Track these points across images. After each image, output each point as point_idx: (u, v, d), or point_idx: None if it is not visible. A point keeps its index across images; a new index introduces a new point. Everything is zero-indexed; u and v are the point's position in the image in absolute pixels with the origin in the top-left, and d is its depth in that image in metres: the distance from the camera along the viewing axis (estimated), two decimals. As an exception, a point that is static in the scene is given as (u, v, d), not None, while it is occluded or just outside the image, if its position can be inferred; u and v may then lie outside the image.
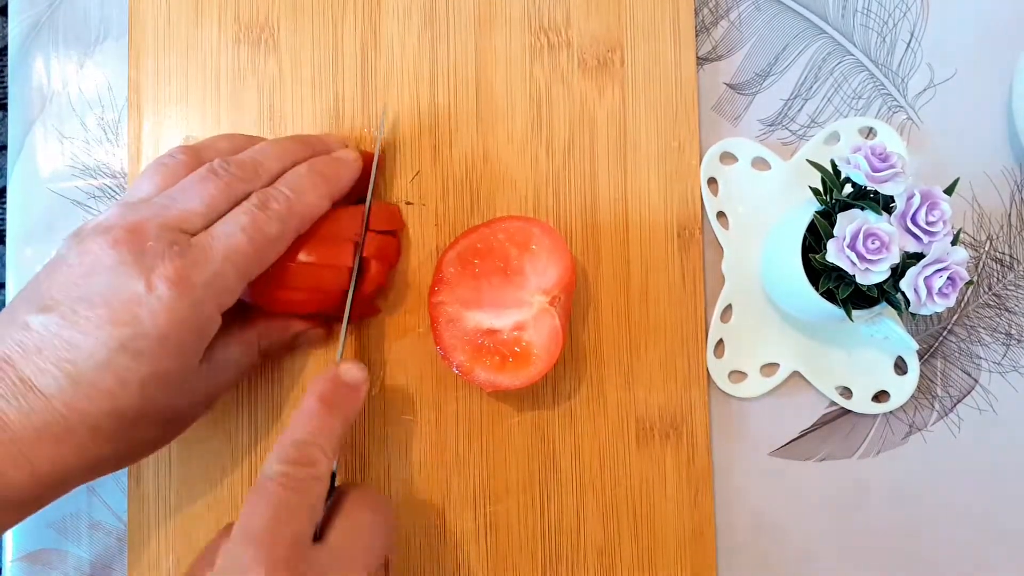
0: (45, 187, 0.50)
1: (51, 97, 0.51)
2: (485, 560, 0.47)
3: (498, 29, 0.49)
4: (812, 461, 0.49)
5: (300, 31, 0.49)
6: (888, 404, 0.49)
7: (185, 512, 0.47)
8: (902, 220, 0.41)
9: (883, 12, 0.51)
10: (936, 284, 0.40)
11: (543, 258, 0.45)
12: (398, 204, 0.48)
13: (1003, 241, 0.50)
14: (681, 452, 0.48)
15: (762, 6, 0.51)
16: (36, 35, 0.51)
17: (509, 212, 0.49)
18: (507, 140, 0.49)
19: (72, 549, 0.48)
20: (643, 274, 0.48)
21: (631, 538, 0.47)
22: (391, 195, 0.49)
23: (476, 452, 0.48)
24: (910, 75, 0.51)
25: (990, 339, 0.50)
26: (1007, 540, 0.49)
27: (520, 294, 0.45)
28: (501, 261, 0.46)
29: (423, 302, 0.48)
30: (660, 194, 0.49)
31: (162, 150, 0.49)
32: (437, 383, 0.48)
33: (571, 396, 0.48)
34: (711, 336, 0.49)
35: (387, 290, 0.48)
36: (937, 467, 0.49)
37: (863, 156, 0.41)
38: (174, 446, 0.47)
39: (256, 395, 0.48)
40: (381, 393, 0.48)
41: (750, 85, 0.51)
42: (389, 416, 0.48)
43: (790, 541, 0.49)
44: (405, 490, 0.47)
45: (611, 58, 0.49)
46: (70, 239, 0.38)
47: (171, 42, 0.49)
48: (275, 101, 0.49)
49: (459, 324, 0.45)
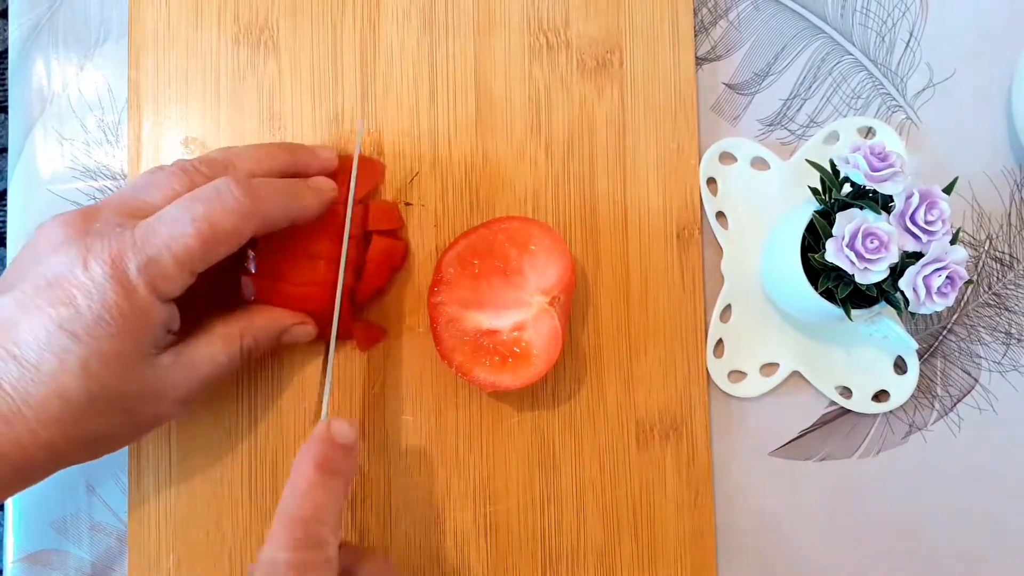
0: (45, 189, 0.50)
1: (51, 99, 0.51)
2: (485, 560, 0.47)
3: (497, 31, 0.49)
4: (812, 461, 0.49)
5: (300, 32, 0.49)
6: (888, 404, 0.49)
7: (185, 512, 0.47)
8: (901, 219, 0.41)
9: (882, 11, 0.51)
10: (935, 283, 0.40)
11: (542, 258, 0.45)
12: (398, 203, 0.48)
13: (1003, 240, 0.50)
14: (681, 452, 0.48)
15: (761, 6, 0.51)
16: (36, 37, 0.51)
17: (508, 212, 0.49)
18: (506, 141, 0.49)
19: (73, 550, 0.48)
20: (643, 274, 0.49)
21: (631, 538, 0.47)
22: (390, 196, 0.49)
23: (476, 452, 0.48)
24: (909, 75, 0.51)
25: (990, 338, 0.50)
26: (1007, 540, 0.49)
27: (519, 294, 0.45)
28: (500, 261, 0.46)
29: (423, 302, 0.48)
30: (659, 194, 0.49)
31: (162, 151, 0.49)
32: (437, 383, 0.48)
33: (571, 396, 0.48)
34: (711, 336, 0.49)
35: (384, 296, 0.48)
36: (937, 467, 0.49)
37: (862, 156, 0.41)
38: (174, 446, 0.47)
39: (256, 395, 0.48)
40: (381, 393, 0.48)
41: (749, 85, 0.51)
42: (389, 416, 0.48)
43: (790, 541, 0.49)
44: (405, 490, 0.47)
45: (610, 59, 0.50)
46: (41, 224, 0.39)
47: (171, 43, 0.49)
48: (275, 102, 0.49)
49: (459, 324, 0.45)
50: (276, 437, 0.47)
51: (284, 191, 0.42)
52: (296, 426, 0.47)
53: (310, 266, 0.44)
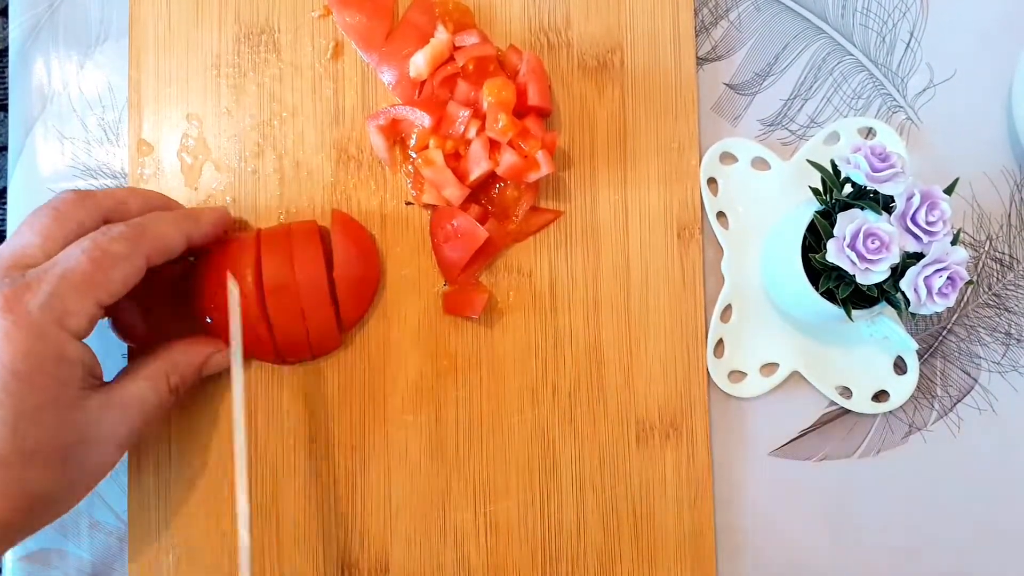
0: (46, 187, 0.50)
1: (51, 98, 0.51)
2: (485, 560, 0.47)
3: (498, 30, 0.49)
4: (812, 461, 0.49)
5: (300, 31, 0.49)
6: (888, 404, 0.49)
7: (185, 512, 0.47)
8: (902, 220, 0.41)
9: (883, 12, 0.51)
10: (936, 284, 0.41)
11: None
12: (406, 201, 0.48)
13: (1003, 241, 0.50)
14: (681, 452, 0.48)
15: (762, 6, 0.51)
16: (36, 36, 0.51)
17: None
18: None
19: (73, 549, 0.48)
20: (643, 274, 0.49)
21: (631, 538, 0.47)
22: (390, 195, 0.49)
23: (476, 452, 0.48)
24: (910, 75, 0.51)
25: (990, 339, 0.50)
26: (1007, 540, 0.49)
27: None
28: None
29: (422, 303, 0.48)
30: (660, 194, 0.49)
31: (162, 150, 0.49)
32: (437, 383, 0.48)
33: (571, 396, 0.48)
34: (711, 336, 0.49)
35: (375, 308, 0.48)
36: (937, 467, 0.49)
37: (863, 156, 0.41)
38: (174, 447, 0.47)
39: (256, 395, 0.48)
40: (381, 393, 0.48)
41: (750, 85, 0.51)
42: (389, 416, 0.48)
43: (790, 541, 0.49)
44: (405, 490, 0.47)
45: (611, 59, 0.50)
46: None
47: (171, 42, 0.49)
48: (275, 102, 0.49)
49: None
50: (276, 437, 0.47)
51: (173, 216, 0.42)
52: (296, 426, 0.47)
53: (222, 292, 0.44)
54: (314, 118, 0.49)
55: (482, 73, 0.46)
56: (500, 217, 0.47)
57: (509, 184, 0.47)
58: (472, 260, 0.47)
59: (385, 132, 0.47)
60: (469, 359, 0.48)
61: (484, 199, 0.48)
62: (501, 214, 0.47)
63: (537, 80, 0.46)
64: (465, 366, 0.48)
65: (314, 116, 0.49)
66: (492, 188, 0.47)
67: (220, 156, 0.49)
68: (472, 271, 0.48)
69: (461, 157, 0.46)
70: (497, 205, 0.47)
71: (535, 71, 0.47)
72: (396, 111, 0.47)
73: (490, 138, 0.45)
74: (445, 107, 0.46)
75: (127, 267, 0.38)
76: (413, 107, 0.46)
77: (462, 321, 0.48)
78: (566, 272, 0.48)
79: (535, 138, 0.45)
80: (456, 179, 0.46)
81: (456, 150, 0.46)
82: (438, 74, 0.47)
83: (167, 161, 0.49)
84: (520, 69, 0.47)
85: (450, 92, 0.47)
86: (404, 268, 0.48)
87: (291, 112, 0.49)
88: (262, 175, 0.49)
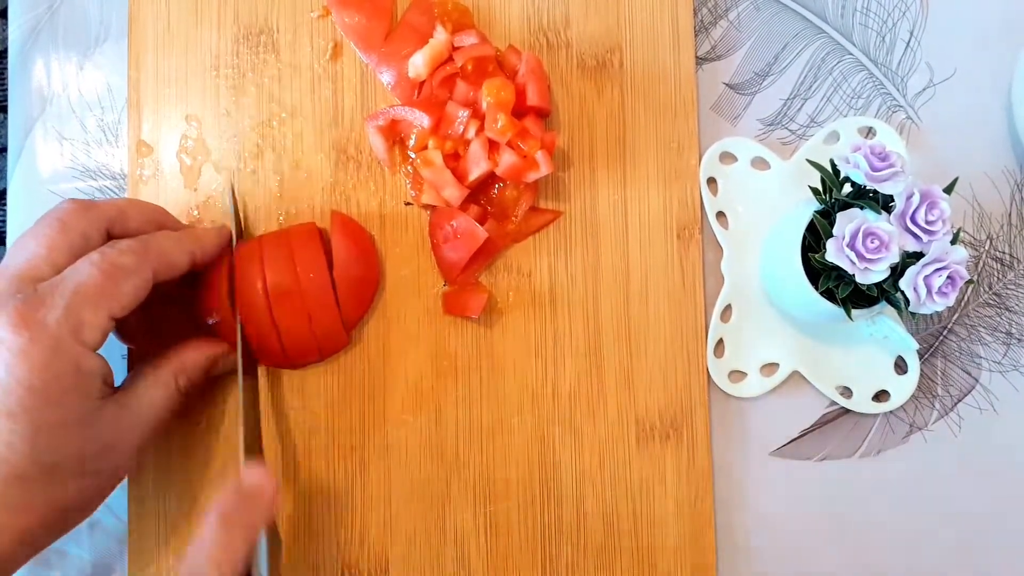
0: (45, 188, 0.50)
1: (51, 99, 0.51)
2: (485, 560, 0.47)
3: (497, 30, 0.49)
4: (812, 461, 0.49)
5: (299, 32, 0.49)
6: (888, 403, 0.49)
7: (185, 512, 0.47)
8: (901, 219, 0.41)
9: (882, 11, 0.51)
10: (936, 283, 0.40)
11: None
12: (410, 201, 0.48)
13: (1003, 240, 0.50)
14: (681, 452, 0.48)
15: (761, 6, 0.51)
16: (36, 37, 0.51)
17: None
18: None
19: (72, 549, 0.48)
20: (643, 274, 0.48)
21: (631, 538, 0.47)
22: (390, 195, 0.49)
23: (476, 452, 0.48)
24: (909, 75, 0.51)
25: (990, 338, 0.50)
26: (1007, 540, 0.49)
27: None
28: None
29: (422, 303, 0.48)
30: (660, 194, 0.49)
31: (161, 151, 0.49)
32: (437, 383, 0.48)
33: (571, 396, 0.48)
34: (711, 336, 0.49)
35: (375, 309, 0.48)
36: (937, 467, 0.49)
37: (863, 155, 0.41)
38: (174, 447, 0.47)
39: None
40: (381, 393, 0.48)
41: (749, 85, 0.51)
42: (389, 416, 0.48)
43: (790, 541, 0.49)
44: (405, 490, 0.47)
45: (610, 59, 0.49)
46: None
47: (171, 43, 0.49)
48: (274, 103, 0.49)
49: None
50: (275, 437, 0.47)
51: (178, 236, 0.42)
52: (296, 426, 0.47)
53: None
54: (313, 119, 0.49)
55: (481, 73, 0.46)
56: (499, 217, 0.47)
57: (508, 184, 0.47)
58: (472, 260, 0.47)
59: (384, 133, 0.47)
60: (469, 359, 0.48)
61: (483, 199, 0.48)
62: (500, 214, 0.47)
63: (536, 80, 0.46)
64: (465, 366, 0.48)
65: (313, 117, 0.49)
66: (491, 188, 0.47)
67: (219, 157, 0.49)
68: (472, 271, 0.48)
69: (460, 157, 0.46)
70: (496, 205, 0.47)
71: (534, 71, 0.47)
72: (395, 112, 0.47)
73: (489, 138, 0.45)
74: (444, 107, 0.46)
75: (137, 280, 0.39)
76: (412, 107, 0.46)
77: (462, 321, 0.48)
78: (566, 272, 0.48)
79: (534, 138, 0.45)
80: (455, 179, 0.46)
81: (455, 150, 0.46)
82: (437, 74, 0.47)
83: (166, 162, 0.49)
84: (519, 69, 0.47)
85: (449, 92, 0.47)
86: (404, 269, 0.48)
87: (290, 113, 0.49)
88: (261, 176, 0.49)
